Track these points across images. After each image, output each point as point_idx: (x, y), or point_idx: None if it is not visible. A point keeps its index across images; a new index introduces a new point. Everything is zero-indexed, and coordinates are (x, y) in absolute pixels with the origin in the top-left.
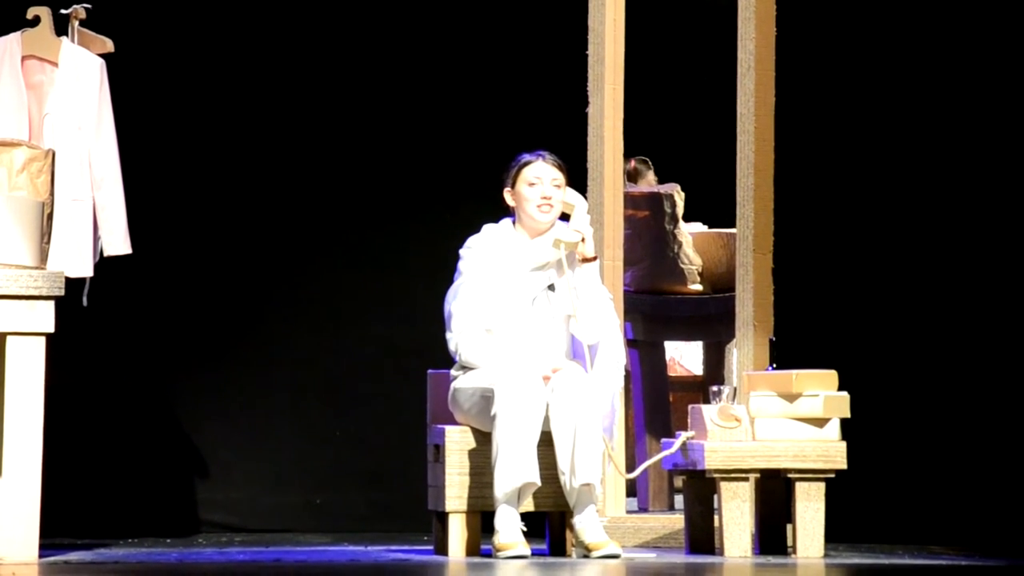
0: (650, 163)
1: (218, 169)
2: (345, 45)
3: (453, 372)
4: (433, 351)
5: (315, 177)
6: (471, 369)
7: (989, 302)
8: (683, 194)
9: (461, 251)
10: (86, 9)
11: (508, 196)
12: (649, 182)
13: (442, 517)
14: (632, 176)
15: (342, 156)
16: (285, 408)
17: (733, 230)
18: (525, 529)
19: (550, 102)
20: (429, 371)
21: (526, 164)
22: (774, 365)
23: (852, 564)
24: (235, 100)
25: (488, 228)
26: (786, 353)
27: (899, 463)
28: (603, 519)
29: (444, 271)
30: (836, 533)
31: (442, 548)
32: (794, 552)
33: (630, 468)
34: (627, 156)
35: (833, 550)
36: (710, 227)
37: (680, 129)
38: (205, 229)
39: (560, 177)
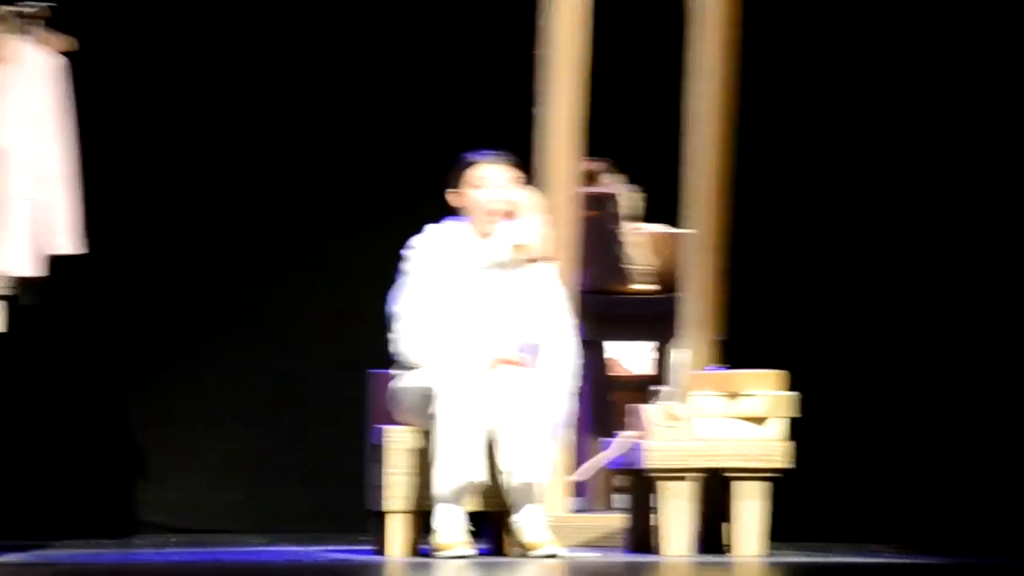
0: (610, 164)
1: (169, 171)
2: (299, 48)
3: (394, 371)
4: (373, 350)
5: (260, 177)
6: (412, 368)
7: (935, 304)
8: (634, 194)
9: (405, 252)
10: (49, 7)
11: (453, 197)
12: (609, 182)
13: (381, 517)
14: (591, 177)
15: (287, 156)
16: (224, 408)
17: (682, 230)
18: (473, 528)
19: (501, 102)
20: (369, 371)
21: (472, 165)
22: (728, 365)
23: (789, 563)
24: (190, 104)
25: (431, 228)
26: (736, 353)
27: (841, 462)
28: (545, 518)
29: (387, 271)
30: (782, 532)
31: (382, 548)
32: (733, 551)
33: (574, 469)
34: (583, 156)
35: (776, 549)
36: (668, 227)
37: (636, 129)
38: (149, 233)
39: (509, 176)
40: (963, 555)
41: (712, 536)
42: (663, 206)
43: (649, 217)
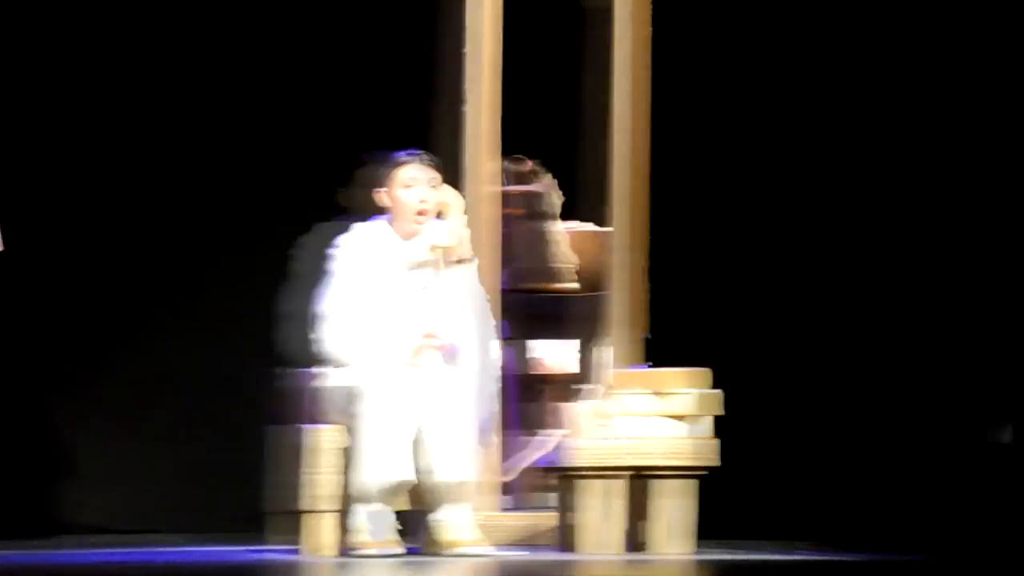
0: (546, 167)
1: (82, 172)
2: (219, 50)
3: (320, 370)
4: (295, 350)
5: (170, 177)
6: (338, 367)
7: (854, 303)
8: (560, 192)
9: (332, 251)
10: None
11: (383, 197)
12: (545, 185)
13: (308, 516)
14: (527, 177)
15: (197, 156)
16: (147, 408)
17: (609, 229)
18: (400, 527)
19: (426, 100)
20: (293, 369)
21: (401, 165)
22: (649, 363)
23: (719, 560)
24: (107, 105)
25: (360, 227)
26: (660, 351)
27: (769, 460)
28: (475, 517)
29: (310, 271)
30: (707, 530)
31: (311, 547)
32: (662, 549)
33: (503, 468)
34: (507, 154)
35: (703, 547)
36: (587, 225)
37: (557, 127)
38: (69, 229)
39: (436, 177)
40: (886, 552)
41: (645, 534)
42: (575, 204)
43: (563, 215)
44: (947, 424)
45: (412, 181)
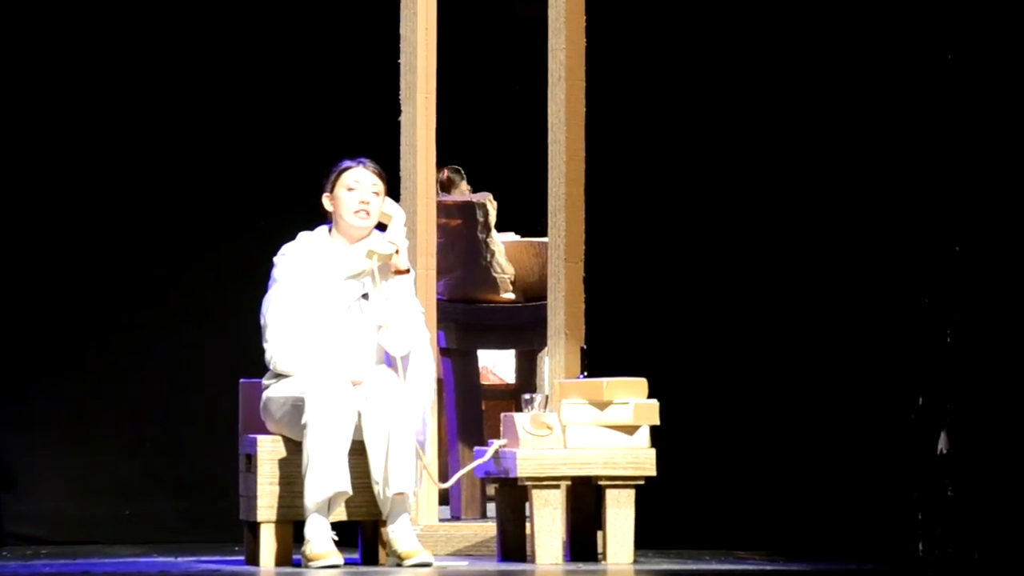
0: (463, 172)
1: (31, 176)
2: (175, 59)
3: (265, 381)
4: (245, 360)
5: (129, 184)
6: (283, 378)
7: (794, 312)
8: (495, 203)
9: (275, 258)
10: None
11: (326, 201)
12: (462, 191)
13: (253, 527)
14: (445, 185)
15: (153, 165)
16: (93, 417)
17: (545, 239)
18: (336, 538)
19: (364, 111)
20: (241, 380)
21: (346, 169)
22: (585, 373)
23: (661, 570)
24: (56, 109)
25: (303, 235)
26: (598, 361)
27: (707, 469)
28: (416, 528)
29: (257, 279)
30: (646, 539)
31: (253, 558)
32: (604, 558)
33: (443, 477)
34: (440, 165)
35: (643, 556)
36: (523, 236)
37: (493, 138)
38: (12, 238)
39: (379, 184)
40: (828, 560)
41: (585, 543)
42: (512, 214)
43: (498, 225)
44: (888, 431)
45: (355, 184)
